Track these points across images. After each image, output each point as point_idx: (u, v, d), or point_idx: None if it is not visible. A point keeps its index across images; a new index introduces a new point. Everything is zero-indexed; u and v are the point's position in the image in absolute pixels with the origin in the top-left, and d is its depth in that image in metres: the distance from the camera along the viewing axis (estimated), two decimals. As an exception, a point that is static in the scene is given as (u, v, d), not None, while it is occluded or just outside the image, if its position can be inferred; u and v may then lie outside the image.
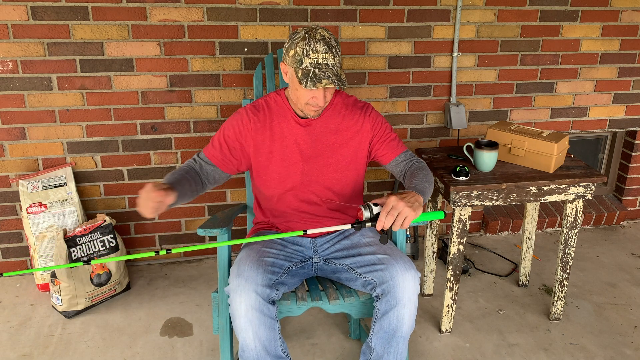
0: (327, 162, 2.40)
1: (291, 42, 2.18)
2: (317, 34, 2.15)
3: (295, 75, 2.17)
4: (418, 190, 2.17)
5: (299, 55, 2.14)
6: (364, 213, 2.05)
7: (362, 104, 2.46)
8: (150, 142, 3.37)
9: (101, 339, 2.92)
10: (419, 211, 2.04)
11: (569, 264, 3.00)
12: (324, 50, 2.13)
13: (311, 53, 2.13)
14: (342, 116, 2.41)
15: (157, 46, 3.18)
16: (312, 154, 2.38)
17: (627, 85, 3.92)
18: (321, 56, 2.13)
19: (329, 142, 2.39)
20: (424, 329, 3.03)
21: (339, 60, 2.18)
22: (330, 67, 2.14)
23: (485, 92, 3.71)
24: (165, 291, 3.35)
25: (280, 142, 2.36)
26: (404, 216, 1.99)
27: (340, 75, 2.17)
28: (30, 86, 3.12)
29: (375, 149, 2.46)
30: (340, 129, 2.40)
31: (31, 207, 3.15)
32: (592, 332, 3.03)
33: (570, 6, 3.60)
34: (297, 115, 2.36)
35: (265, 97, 2.44)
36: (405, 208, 1.99)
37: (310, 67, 2.13)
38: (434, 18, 3.45)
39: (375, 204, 2.06)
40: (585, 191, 2.84)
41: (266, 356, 2.15)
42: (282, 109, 2.38)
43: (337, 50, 2.18)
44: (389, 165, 2.47)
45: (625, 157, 4.22)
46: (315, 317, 3.11)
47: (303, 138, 2.37)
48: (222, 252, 2.40)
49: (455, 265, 2.88)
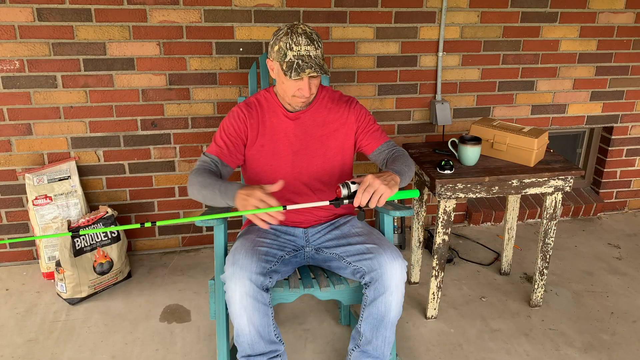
0: (316, 153, 2.45)
1: (275, 39, 2.24)
2: (299, 29, 2.21)
3: (280, 68, 2.23)
4: (396, 171, 2.22)
5: (282, 49, 2.20)
6: (342, 191, 2.07)
7: (347, 98, 2.52)
8: (150, 138, 3.39)
9: (103, 324, 2.95)
10: (395, 189, 2.08)
11: (549, 253, 3.04)
12: (306, 42, 2.19)
13: (294, 46, 2.18)
14: (328, 109, 2.47)
15: (156, 46, 3.20)
16: (301, 146, 2.43)
17: (604, 83, 3.94)
18: (303, 48, 2.18)
19: (317, 135, 2.45)
20: (411, 315, 3.06)
21: (320, 52, 2.23)
22: (313, 58, 2.19)
23: (469, 90, 3.74)
24: (164, 279, 3.37)
25: (270, 135, 2.41)
26: (380, 193, 2.04)
27: (322, 65, 2.21)
28: (36, 84, 3.14)
29: (360, 140, 2.50)
30: (327, 122, 2.46)
31: (37, 199, 3.17)
32: (571, 318, 3.06)
33: (550, 8, 3.62)
34: (286, 110, 2.42)
35: (256, 95, 2.48)
36: (381, 186, 2.04)
37: (294, 59, 2.18)
38: (420, 19, 3.47)
39: (353, 182, 2.09)
40: (564, 184, 2.87)
41: (260, 341, 2.20)
42: (272, 104, 2.43)
43: (319, 43, 2.23)
44: (372, 154, 2.51)
45: (602, 151, 4.25)
46: (307, 303, 3.14)
47: (292, 131, 2.43)
48: (218, 242, 2.39)
49: (441, 255, 2.92)
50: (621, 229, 4.16)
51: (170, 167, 3.50)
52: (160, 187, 3.54)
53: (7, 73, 3.11)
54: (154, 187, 3.53)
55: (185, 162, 3.51)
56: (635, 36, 3.86)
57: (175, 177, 3.53)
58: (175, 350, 2.79)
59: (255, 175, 2.48)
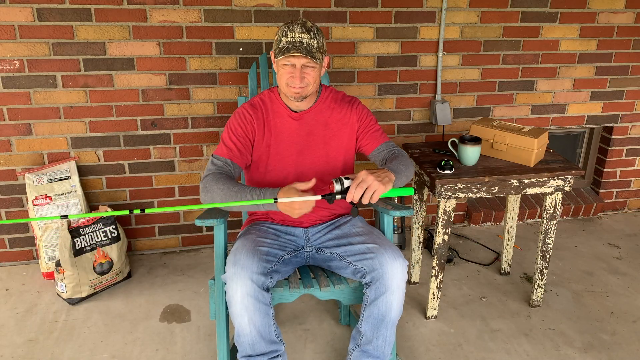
0: (319, 153, 2.46)
1: (277, 32, 2.30)
2: (298, 21, 2.26)
3: (274, 55, 2.28)
4: (391, 169, 2.22)
5: (279, 37, 2.26)
6: (335, 186, 2.08)
7: (350, 98, 2.53)
8: (150, 138, 3.39)
9: (103, 324, 2.95)
10: (389, 186, 2.09)
11: (549, 253, 3.03)
12: (301, 30, 2.23)
13: (289, 33, 2.23)
14: (331, 110, 2.48)
15: (156, 46, 3.20)
16: (305, 146, 2.44)
17: (604, 83, 3.93)
18: (297, 35, 2.22)
19: (320, 135, 2.45)
20: (411, 315, 3.05)
21: (316, 42, 2.25)
22: (305, 45, 2.22)
23: (469, 90, 3.73)
24: (164, 279, 3.36)
25: (275, 135, 2.42)
26: (373, 189, 2.05)
27: (312, 51, 2.23)
28: (36, 84, 3.13)
29: (360, 139, 2.52)
30: (330, 122, 2.47)
31: (37, 199, 3.17)
32: (571, 319, 3.06)
33: (550, 8, 3.62)
34: (289, 110, 2.43)
35: (260, 95, 2.49)
36: (374, 182, 2.05)
37: (286, 44, 2.22)
38: (420, 19, 3.47)
39: (347, 178, 2.09)
40: (564, 184, 2.86)
41: (261, 341, 2.19)
42: (276, 104, 2.44)
43: (316, 34, 2.25)
44: (372, 155, 2.51)
45: (602, 151, 4.24)
46: (307, 304, 3.14)
47: (296, 131, 2.44)
48: (218, 242, 2.38)
49: (441, 255, 2.91)
50: (621, 229, 4.15)
51: (170, 167, 3.50)
52: (160, 187, 3.53)
53: (7, 73, 3.10)
54: (153, 187, 3.52)
55: (185, 162, 3.50)
56: (635, 36, 3.85)
57: (175, 177, 3.53)
58: (175, 350, 2.79)
59: (260, 175, 2.49)
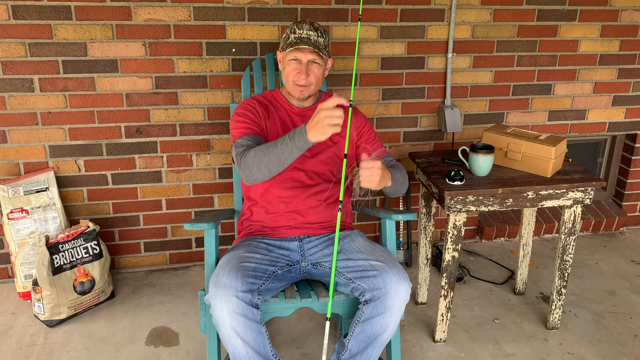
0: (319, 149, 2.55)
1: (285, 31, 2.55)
2: (306, 20, 2.47)
3: (281, 51, 2.48)
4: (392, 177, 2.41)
5: (287, 34, 2.46)
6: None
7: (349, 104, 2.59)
8: (135, 146, 3.36)
9: (85, 348, 2.90)
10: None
11: (567, 271, 3.00)
12: (309, 28, 2.43)
13: (297, 30, 2.43)
14: None
15: (142, 47, 3.17)
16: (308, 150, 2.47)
17: (627, 87, 3.91)
18: (305, 32, 2.42)
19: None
20: (418, 339, 3.02)
21: (323, 41, 2.45)
22: (312, 41, 2.41)
23: (481, 94, 3.71)
24: (150, 299, 3.33)
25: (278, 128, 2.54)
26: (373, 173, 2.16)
27: (320, 47, 2.42)
28: (11, 88, 3.10)
29: (357, 148, 2.63)
30: None
31: (12, 212, 3.13)
32: (591, 342, 3.02)
33: (568, 5, 3.60)
34: (292, 106, 2.57)
35: (263, 94, 2.62)
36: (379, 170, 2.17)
37: (294, 39, 2.42)
38: (428, 18, 3.45)
39: None
40: (584, 196, 2.83)
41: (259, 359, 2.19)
42: (279, 101, 2.60)
43: (323, 34, 2.46)
44: None
45: (625, 161, 4.23)
46: (305, 326, 3.10)
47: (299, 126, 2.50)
48: (209, 248, 2.43)
49: (450, 273, 2.88)
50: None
51: (157, 178, 3.47)
52: (146, 199, 3.51)
53: (-21, 76, 3.09)
54: (139, 200, 3.51)
55: (173, 173, 3.48)
56: (661, 36, 3.85)
57: (162, 189, 3.51)
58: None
59: None
